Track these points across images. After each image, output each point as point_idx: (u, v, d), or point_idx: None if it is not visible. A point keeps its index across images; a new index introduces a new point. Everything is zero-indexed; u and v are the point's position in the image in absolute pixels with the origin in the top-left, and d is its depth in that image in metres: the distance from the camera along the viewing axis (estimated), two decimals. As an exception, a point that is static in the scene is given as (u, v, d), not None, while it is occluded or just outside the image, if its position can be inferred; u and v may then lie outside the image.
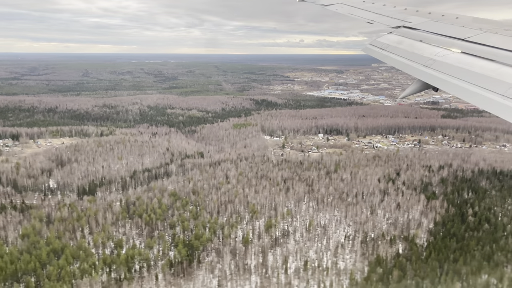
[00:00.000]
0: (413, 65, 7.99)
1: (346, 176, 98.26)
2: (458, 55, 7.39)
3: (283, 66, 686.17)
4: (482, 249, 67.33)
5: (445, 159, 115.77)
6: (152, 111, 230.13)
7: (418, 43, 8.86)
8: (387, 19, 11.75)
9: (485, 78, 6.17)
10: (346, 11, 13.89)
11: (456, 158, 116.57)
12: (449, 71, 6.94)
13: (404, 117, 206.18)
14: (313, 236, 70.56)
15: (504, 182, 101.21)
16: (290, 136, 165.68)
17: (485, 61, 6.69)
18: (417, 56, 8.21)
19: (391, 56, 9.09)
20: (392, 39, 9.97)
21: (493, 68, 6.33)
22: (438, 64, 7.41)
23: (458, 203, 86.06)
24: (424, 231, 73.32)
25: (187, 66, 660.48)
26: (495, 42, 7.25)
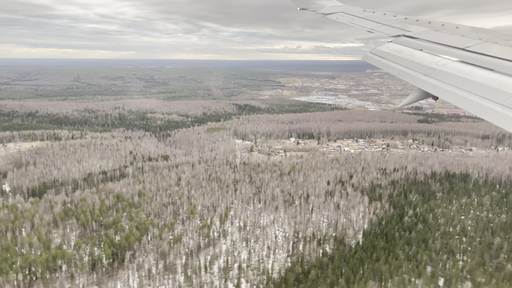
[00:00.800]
0: (413, 74, 8.02)
1: (298, 178, 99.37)
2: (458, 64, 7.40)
3: (276, 72, 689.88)
4: (410, 249, 68.32)
5: (402, 162, 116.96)
6: (132, 115, 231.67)
7: (418, 52, 8.92)
8: (387, 28, 11.80)
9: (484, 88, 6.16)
10: (346, 20, 14.05)
11: (413, 162, 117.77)
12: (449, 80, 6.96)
13: (381, 121, 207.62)
14: (247, 236, 71.47)
15: (454, 184, 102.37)
16: (262, 140, 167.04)
17: (485, 71, 6.68)
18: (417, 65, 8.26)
19: (391, 65, 9.16)
20: (392, 47, 10.03)
21: (493, 78, 6.33)
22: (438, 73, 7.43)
23: (401, 205, 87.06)
24: (357, 231, 74.24)
25: (181, 71, 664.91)
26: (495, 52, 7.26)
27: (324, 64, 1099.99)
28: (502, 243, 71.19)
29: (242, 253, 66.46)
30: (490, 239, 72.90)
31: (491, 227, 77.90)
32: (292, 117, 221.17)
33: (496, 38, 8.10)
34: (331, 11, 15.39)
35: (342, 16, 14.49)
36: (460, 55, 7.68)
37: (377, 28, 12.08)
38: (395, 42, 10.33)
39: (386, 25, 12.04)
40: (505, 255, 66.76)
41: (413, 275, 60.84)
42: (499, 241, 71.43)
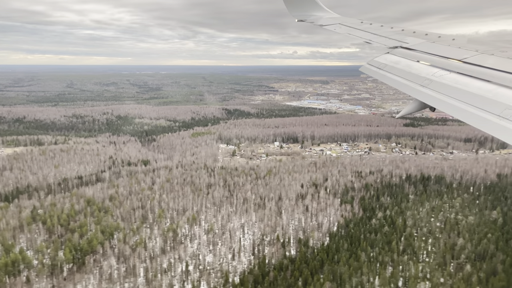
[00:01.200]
0: (411, 85, 8.09)
1: (272, 182, 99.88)
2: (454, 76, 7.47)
3: (270, 77, 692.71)
4: (373, 251, 68.74)
5: (379, 165, 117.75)
6: (120, 120, 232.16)
7: (415, 63, 9.02)
8: (384, 40, 11.92)
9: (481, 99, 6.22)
10: (344, 31, 14.24)
11: (390, 165, 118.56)
12: (446, 91, 7.01)
13: (367, 125, 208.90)
14: (212, 239, 71.74)
15: (428, 187, 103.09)
16: (246, 144, 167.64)
17: (482, 82, 6.74)
18: (414, 76, 8.33)
19: (389, 76, 9.25)
20: (389, 59, 10.12)
21: (490, 89, 6.39)
22: (435, 84, 7.49)
23: (372, 207, 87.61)
24: (324, 233, 74.64)
25: (175, 77, 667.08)
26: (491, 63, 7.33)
27: (320, 69, 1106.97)
28: (465, 244, 71.78)
29: (205, 256, 66.69)
30: (454, 240, 73.47)
31: (457, 229, 78.51)
32: (279, 121, 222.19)
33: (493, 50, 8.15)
34: (328, 23, 15.64)
35: (339, 27, 14.73)
36: (457, 67, 7.76)
37: (375, 39, 12.25)
38: (392, 53, 10.43)
39: (383, 37, 12.18)
40: (465, 256, 67.30)
41: (372, 276, 61.26)
42: (462, 242, 72.03)
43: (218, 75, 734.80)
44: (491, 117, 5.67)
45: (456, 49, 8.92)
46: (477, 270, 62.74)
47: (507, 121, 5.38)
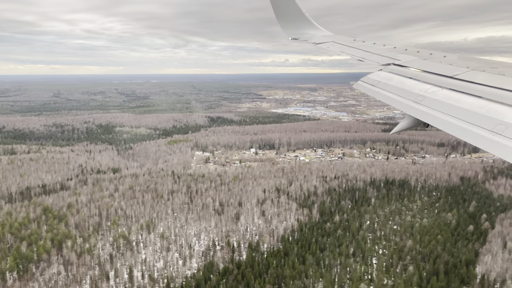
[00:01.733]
0: (404, 101, 8.15)
1: (236, 188, 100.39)
2: (447, 92, 7.54)
3: (259, 85, 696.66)
4: (322, 254, 69.32)
5: (346, 170, 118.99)
6: (100, 129, 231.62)
7: (408, 80, 9.11)
8: (377, 57, 12.07)
9: (474, 115, 6.29)
10: (337, 49, 14.43)
11: (357, 169, 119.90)
12: (439, 107, 7.09)
13: (345, 131, 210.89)
14: (163, 245, 71.84)
15: (391, 190, 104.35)
16: (222, 151, 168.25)
17: (474, 98, 6.81)
18: (407, 92, 8.38)
19: (382, 93, 9.31)
20: (382, 76, 10.23)
21: (482, 105, 6.46)
22: (428, 100, 7.55)
23: (330, 211, 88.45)
24: (277, 237, 75.13)
25: (165, 86, 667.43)
26: (482, 79, 7.41)
27: (311, 77, 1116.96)
28: (414, 245, 72.76)
29: (152, 262, 66.72)
30: (405, 242, 74.42)
31: (410, 231, 79.56)
32: (259, 128, 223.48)
33: (484, 66, 8.31)
34: (321, 41, 15.87)
35: (333, 45, 14.97)
36: (449, 83, 7.85)
37: (367, 57, 12.42)
38: (385, 70, 10.56)
39: (376, 54, 12.37)
40: (411, 258, 68.17)
41: (315, 279, 61.76)
42: (411, 244, 73.02)
43: (208, 83, 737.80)
44: (484, 133, 5.72)
45: (447, 66, 9.07)
46: (419, 271, 63.62)
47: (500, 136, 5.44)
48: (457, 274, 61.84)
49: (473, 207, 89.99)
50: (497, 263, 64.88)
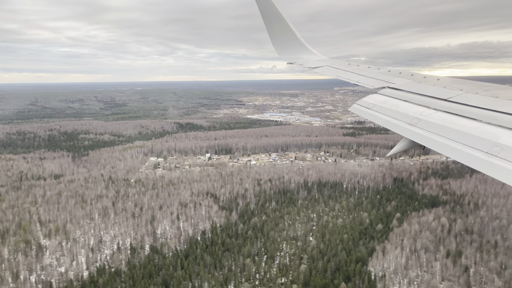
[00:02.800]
0: (399, 124, 8.28)
1: (165, 192, 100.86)
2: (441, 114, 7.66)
3: (241, 91, 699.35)
4: (223, 255, 70.01)
5: (285, 172, 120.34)
6: (63, 136, 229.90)
7: (403, 103, 9.23)
8: (372, 81, 12.19)
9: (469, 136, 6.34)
10: (332, 73, 14.56)
11: (296, 172, 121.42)
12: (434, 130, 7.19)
13: (306, 136, 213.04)
14: (65, 249, 71.83)
15: (322, 192, 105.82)
16: (177, 157, 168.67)
17: (468, 120, 6.89)
18: (403, 115, 8.52)
19: (377, 115, 9.40)
20: (377, 99, 10.32)
21: (476, 127, 6.53)
22: (423, 123, 7.68)
23: (252, 213, 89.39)
24: (185, 240, 75.68)
25: (147, 93, 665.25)
26: (476, 102, 7.51)
27: (297, 83, 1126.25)
28: (318, 245, 74.00)
29: (48, 266, 66.66)
30: (311, 242, 75.62)
31: (322, 231, 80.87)
32: (222, 134, 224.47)
33: (477, 89, 8.42)
34: (317, 65, 16.08)
35: (328, 69, 15.10)
36: (443, 106, 7.95)
37: (362, 81, 12.51)
38: (380, 93, 10.66)
39: (371, 78, 12.48)
40: (309, 256, 69.31)
41: (204, 279, 62.36)
42: (314, 243, 74.27)
43: (190, 90, 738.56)
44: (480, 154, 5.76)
45: (441, 89, 9.14)
46: (310, 269, 64.72)
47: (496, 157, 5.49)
48: (344, 271, 63.16)
49: (392, 207, 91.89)
50: (386, 259, 66.37)
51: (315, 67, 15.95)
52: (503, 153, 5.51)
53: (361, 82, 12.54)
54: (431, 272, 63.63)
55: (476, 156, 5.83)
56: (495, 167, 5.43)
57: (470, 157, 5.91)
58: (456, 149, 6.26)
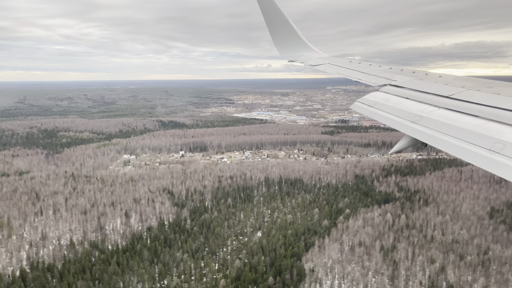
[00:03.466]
0: (401, 121, 8.22)
1: (122, 188, 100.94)
2: (443, 112, 7.61)
3: (234, 90, 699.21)
4: (161, 251, 70.25)
5: (248, 170, 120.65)
6: (43, 134, 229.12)
7: (405, 100, 9.19)
8: (373, 78, 12.12)
9: (471, 134, 6.32)
10: (334, 70, 14.55)
11: (262, 169, 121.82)
12: (436, 127, 7.14)
13: (285, 134, 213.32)
14: (5, 246, 71.81)
15: (281, 189, 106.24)
16: (150, 154, 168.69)
17: (470, 117, 6.86)
18: (405, 112, 8.48)
19: (379, 113, 9.36)
20: (379, 96, 10.25)
21: (478, 124, 6.50)
22: (425, 120, 7.63)
23: (205, 209, 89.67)
24: (126, 237, 75.82)
25: (138, 91, 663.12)
26: (478, 99, 7.47)
27: (291, 82, 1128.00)
28: (260, 240, 74.41)
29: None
30: (255, 238, 76.01)
31: (269, 227, 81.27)
32: (202, 132, 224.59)
33: (479, 85, 8.40)
34: (318, 63, 16.02)
35: (329, 67, 15.06)
36: (445, 103, 7.91)
37: (364, 78, 12.50)
38: (381, 91, 10.62)
39: (372, 75, 12.42)
40: (247, 252, 69.69)
41: (137, 274, 62.59)
42: (256, 239, 74.69)
43: (182, 88, 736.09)
44: (482, 152, 5.75)
45: (443, 86, 9.14)
46: (245, 264, 65.12)
47: (498, 155, 5.47)
48: (277, 266, 63.61)
49: (344, 203, 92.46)
50: (321, 254, 66.89)
51: (316, 64, 16.02)
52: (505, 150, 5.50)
53: (362, 79, 12.52)
54: (362, 266, 64.17)
55: (478, 153, 5.81)
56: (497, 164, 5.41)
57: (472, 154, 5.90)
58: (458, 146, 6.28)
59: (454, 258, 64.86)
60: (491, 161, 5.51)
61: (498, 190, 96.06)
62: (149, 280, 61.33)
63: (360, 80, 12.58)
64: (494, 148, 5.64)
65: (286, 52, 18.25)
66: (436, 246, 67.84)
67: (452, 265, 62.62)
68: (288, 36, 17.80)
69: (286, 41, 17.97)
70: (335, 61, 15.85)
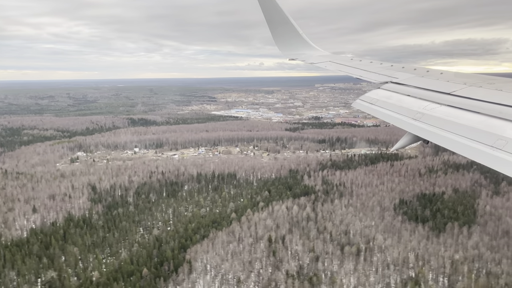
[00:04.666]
0: (403, 119, 8.18)
1: (46, 185, 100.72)
2: (445, 108, 7.57)
3: (220, 88, 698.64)
4: (62, 243, 70.18)
5: (185, 165, 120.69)
6: (6, 132, 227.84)
7: (406, 98, 9.15)
8: (374, 75, 12.12)
9: (473, 130, 6.29)
10: (334, 68, 14.49)
11: (199, 164, 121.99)
12: (438, 124, 7.12)
13: (248, 130, 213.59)
14: None
15: (211, 184, 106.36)
16: (103, 151, 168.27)
17: (472, 114, 6.83)
18: (406, 109, 8.43)
19: (381, 110, 9.29)
20: (380, 94, 10.20)
21: (481, 120, 6.48)
22: (426, 117, 7.60)
23: (120, 204, 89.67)
24: (23, 231, 75.64)
25: (123, 90, 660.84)
26: (480, 95, 7.45)
27: (281, 80, 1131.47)
28: (160, 234, 74.55)
29: None
30: (157, 232, 76.09)
31: (178, 221, 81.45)
32: (165, 129, 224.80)
33: (481, 82, 8.38)
34: (319, 61, 15.98)
35: (330, 64, 14.99)
36: (447, 100, 7.90)
37: (365, 75, 12.47)
38: (383, 88, 10.59)
39: (373, 72, 12.42)
40: (139, 244, 69.79)
41: (19, 269, 62.50)
42: (157, 233, 74.83)
43: (168, 87, 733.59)
44: (484, 148, 5.73)
45: (445, 83, 9.11)
46: (131, 256, 65.20)
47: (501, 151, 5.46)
48: (161, 258, 63.85)
49: (262, 197, 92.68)
50: (211, 247, 67.07)
51: (317, 62, 15.98)
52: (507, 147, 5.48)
53: (363, 76, 12.50)
54: (240, 258, 64.17)
55: (480, 150, 5.78)
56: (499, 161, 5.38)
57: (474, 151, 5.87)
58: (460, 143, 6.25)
59: (334, 248, 65.32)
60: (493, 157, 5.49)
61: (418, 183, 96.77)
62: (29, 274, 61.22)
63: (361, 77, 12.59)
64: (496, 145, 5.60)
65: (287, 50, 18.19)
66: (323, 237, 68.18)
67: (330, 255, 63.13)
68: (289, 34, 17.77)
69: (287, 39, 17.94)
70: (336, 58, 15.84)
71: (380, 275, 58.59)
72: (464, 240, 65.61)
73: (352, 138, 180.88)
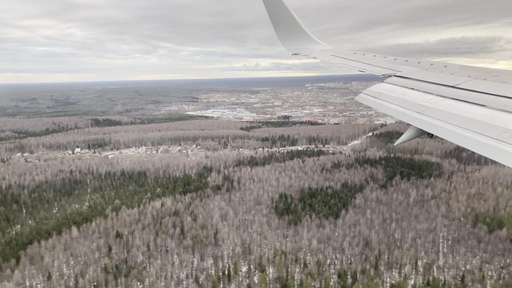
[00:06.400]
0: (407, 112, 8.13)
1: None
2: (449, 102, 7.52)
3: (205, 88, 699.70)
4: None
5: (110, 164, 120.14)
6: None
7: (410, 91, 9.12)
8: (378, 69, 12.10)
9: (478, 123, 6.26)
10: (338, 61, 14.52)
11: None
12: (442, 117, 7.08)
13: (201, 129, 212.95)
14: None
15: (114, 182, 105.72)
16: (44, 152, 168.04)
17: (477, 107, 6.79)
18: (410, 103, 8.38)
19: (385, 104, 9.27)
20: (384, 87, 10.17)
21: (485, 113, 6.45)
22: (431, 110, 7.55)
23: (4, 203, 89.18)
24: None
25: (109, 91, 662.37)
26: (484, 88, 7.41)
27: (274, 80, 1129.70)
28: (22, 231, 73.92)
29: None
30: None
31: (49, 219, 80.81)
32: (119, 128, 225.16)
33: (485, 75, 8.36)
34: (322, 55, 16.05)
35: (333, 58, 15.00)
36: (451, 93, 7.87)
37: (368, 69, 12.47)
38: (386, 82, 10.56)
39: (377, 66, 12.41)
40: None
41: None
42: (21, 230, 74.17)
43: (154, 88, 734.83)
44: (489, 141, 5.70)
45: (449, 76, 9.08)
46: None
47: (505, 144, 5.44)
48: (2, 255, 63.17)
49: (153, 194, 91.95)
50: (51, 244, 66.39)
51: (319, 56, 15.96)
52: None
53: (367, 69, 12.47)
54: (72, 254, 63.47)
55: (485, 143, 5.71)
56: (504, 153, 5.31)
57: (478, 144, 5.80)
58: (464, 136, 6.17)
59: (187, 243, 64.50)
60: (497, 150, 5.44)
61: (312, 178, 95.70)
62: None
63: (364, 70, 12.57)
64: (501, 138, 5.55)
65: (290, 45, 18.11)
66: (173, 232, 67.29)
67: (177, 248, 62.38)
68: (292, 29, 17.70)
69: (290, 34, 17.87)
70: (339, 52, 15.77)
71: (196, 266, 57.45)
72: (306, 232, 64.55)
73: (294, 136, 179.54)
